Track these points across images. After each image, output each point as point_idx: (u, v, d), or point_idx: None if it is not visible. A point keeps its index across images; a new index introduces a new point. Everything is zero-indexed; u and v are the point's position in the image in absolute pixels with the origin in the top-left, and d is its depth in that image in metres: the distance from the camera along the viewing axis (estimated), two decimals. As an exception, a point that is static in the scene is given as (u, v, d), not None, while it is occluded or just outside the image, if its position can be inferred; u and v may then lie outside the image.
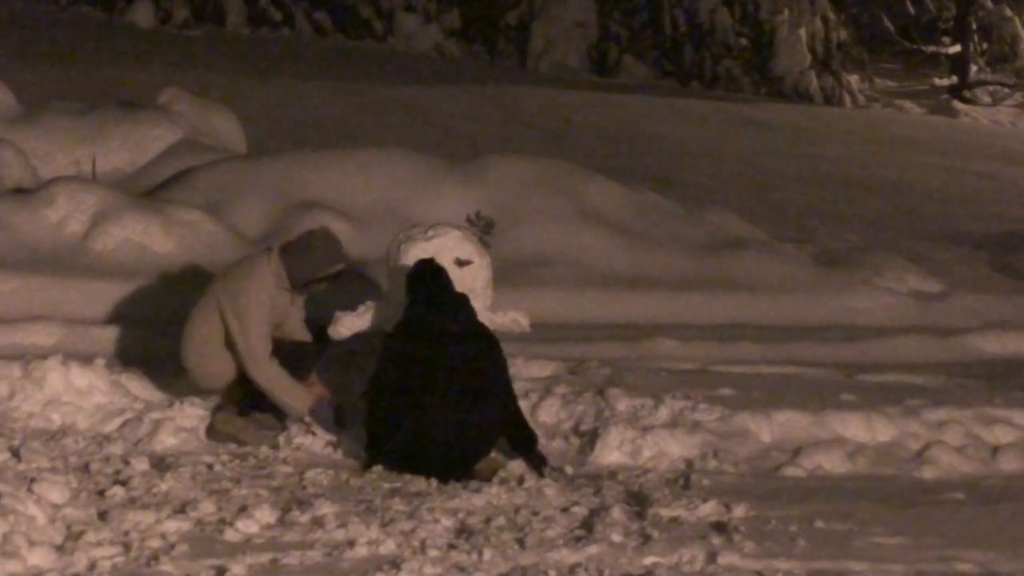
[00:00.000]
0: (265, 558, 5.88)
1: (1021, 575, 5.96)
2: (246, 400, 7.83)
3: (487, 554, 5.93)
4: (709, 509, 6.62)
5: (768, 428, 8.04)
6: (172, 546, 5.96)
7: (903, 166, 21.68)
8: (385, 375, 7.31)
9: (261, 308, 7.72)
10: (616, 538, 6.18)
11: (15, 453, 7.21)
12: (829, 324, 10.99)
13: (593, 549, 6.03)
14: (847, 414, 8.16)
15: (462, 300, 7.54)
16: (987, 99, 34.32)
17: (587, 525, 6.40)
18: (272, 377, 7.72)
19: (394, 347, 7.38)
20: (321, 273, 7.84)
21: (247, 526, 6.24)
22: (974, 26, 35.41)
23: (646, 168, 18.32)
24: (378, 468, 7.40)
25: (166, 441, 7.67)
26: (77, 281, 9.97)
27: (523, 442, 7.47)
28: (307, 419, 7.75)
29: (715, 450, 7.74)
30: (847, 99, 31.30)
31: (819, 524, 6.49)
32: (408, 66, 25.81)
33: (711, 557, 5.99)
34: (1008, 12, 35.67)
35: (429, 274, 7.56)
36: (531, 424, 7.61)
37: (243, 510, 6.44)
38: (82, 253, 10.35)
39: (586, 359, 9.12)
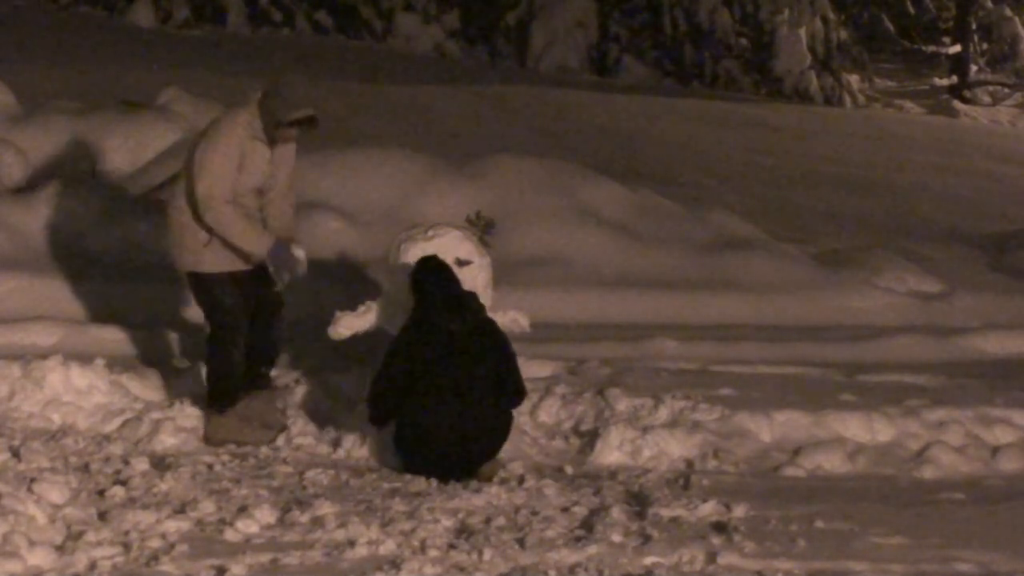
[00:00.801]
0: (265, 558, 5.89)
1: (1021, 575, 5.96)
2: (219, 397, 7.81)
3: (487, 554, 5.94)
4: (709, 509, 6.63)
5: (768, 428, 8.05)
6: (172, 546, 5.97)
7: (903, 166, 21.66)
8: (392, 372, 7.33)
9: (225, 156, 7.54)
10: (616, 538, 6.18)
11: (15, 453, 7.21)
12: (829, 324, 10.99)
13: (593, 549, 6.04)
14: (847, 414, 8.17)
15: (469, 298, 7.56)
16: (987, 99, 34.29)
17: (587, 525, 6.40)
18: (224, 219, 7.55)
19: (403, 347, 7.39)
20: (287, 116, 7.59)
21: (247, 526, 6.24)
22: (974, 26, 35.38)
23: (646, 168, 18.29)
24: (378, 468, 7.42)
25: (166, 441, 7.67)
26: (77, 281, 9.97)
27: (501, 443, 7.50)
28: (268, 264, 7.66)
29: (715, 450, 7.74)
30: (847, 99, 31.27)
31: (819, 524, 6.49)
32: (408, 66, 25.79)
33: (711, 557, 5.99)
34: (1008, 12, 35.65)
35: (433, 272, 7.57)
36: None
37: (243, 510, 6.44)
38: (82, 253, 10.35)
39: (586, 359, 9.13)
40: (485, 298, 8.00)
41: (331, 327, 8.10)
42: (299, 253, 7.75)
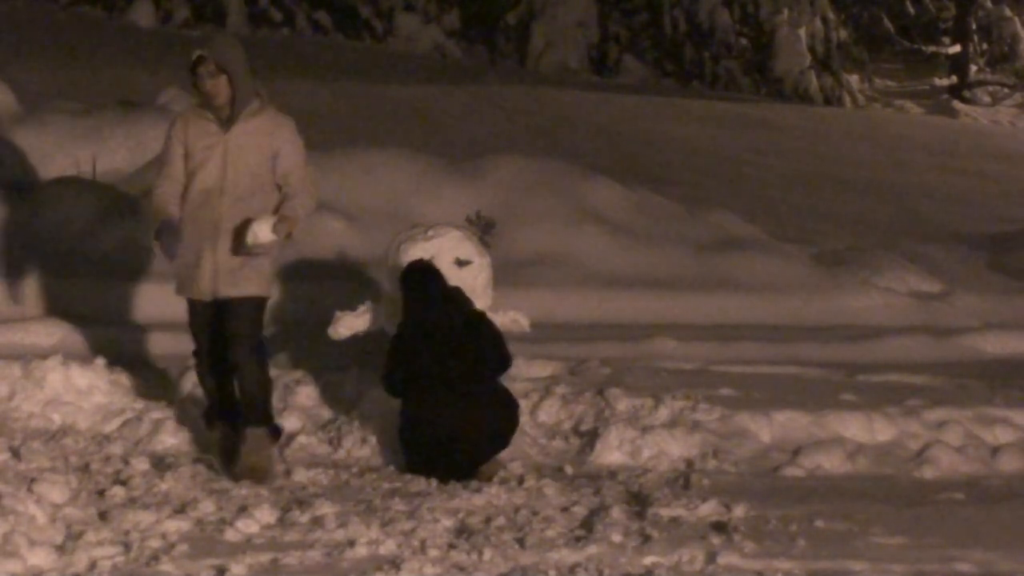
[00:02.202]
0: (265, 558, 5.89)
1: (1021, 575, 5.96)
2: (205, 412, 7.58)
3: (487, 554, 5.93)
4: (709, 509, 6.63)
5: (768, 428, 8.05)
6: (172, 546, 5.97)
7: (903, 166, 21.66)
8: (394, 374, 7.38)
9: (168, 147, 7.21)
10: (616, 538, 6.18)
11: (15, 453, 7.21)
12: (829, 324, 10.99)
13: (593, 549, 6.04)
14: (847, 414, 8.17)
15: (455, 293, 7.59)
16: (987, 99, 34.30)
17: (587, 525, 6.40)
18: (150, 195, 7.30)
19: (397, 348, 7.42)
20: (188, 70, 7.16)
21: (247, 526, 6.24)
22: (974, 26, 35.41)
23: (646, 168, 18.29)
24: (378, 468, 7.42)
25: (166, 441, 7.67)
26: (77, 281, 9.97)
27: (503, 439, 7.49)
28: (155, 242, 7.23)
29: (715, 450, 7.74)
30: (847, 99, 31.29)
31: (819, 524, 6.49)
32: (408, 66, 25.78)
33: (711, 557, 5.99)
34: (1008, 12, 35.68)
35: (419, 274, 7.59)
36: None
37: (243, 510, 6.44)
38: (82, 253, 10.35)
39: (586, 359, 9.13)
40: (485, 298, 8.01)
41: (331, 327, 8.11)
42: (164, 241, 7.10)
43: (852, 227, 16.11)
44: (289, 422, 7.98)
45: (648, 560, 5.95)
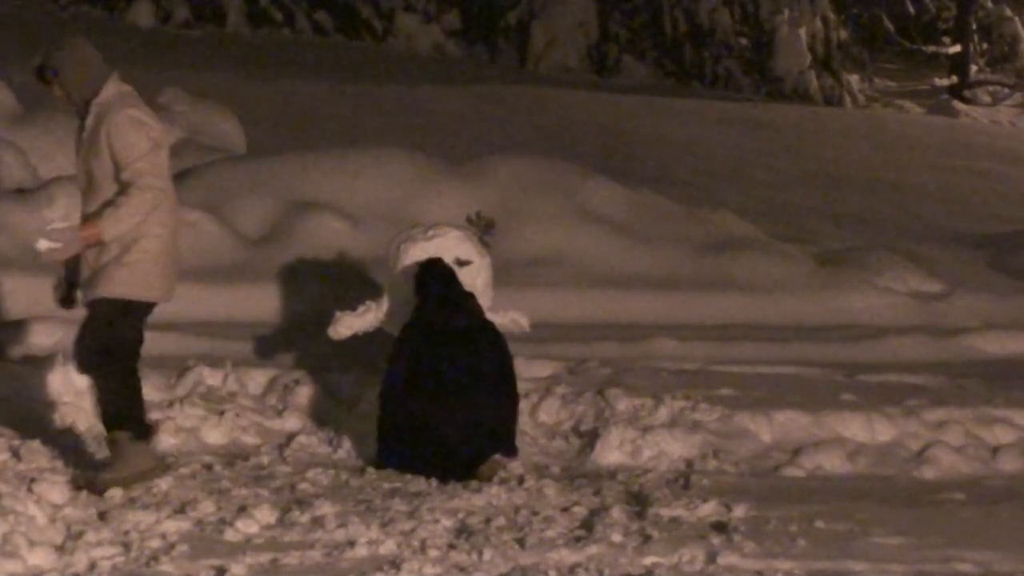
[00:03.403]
0: (265, 558, 5.89)
1: (1021, 575, 5.97)
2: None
3: (487, 554, 5.94)
4: (709, 509, 6.63)
5: (768, 428, 8.05)
6: (172, 546, 5.97)
7: (903, 166, 21.66)
8: (397, 373, 7.36)
9: None
10: (616, 538, 6.18)
11: (15, 453, 7.21)
12: (829, 324, 10.98)
13: (593, 549, 6.04)
14: (847, 414, 8.17)
15: (469, 298, 7.60)
16: (987, 99, 34.28)
17: (587, 525, 6.40)
18: None
19: (406, 346, 7.42)
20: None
21: (247, 526, 6.24)
22: (974, 26, 35.38)
23: (646, 168, 18.30)
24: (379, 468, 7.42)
25: (166, 441, 7.67)
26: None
27: (503, 442, 7.48)
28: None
29: (715, 450, 7.74)
30: (847, 99, 31.26)
31: (819, 524, 6.49)
32: (408, 66, 25.78)
33: (711, 557, 5.99)
34: (1008, 12, 35.66)
35: (437, 273, 7.61)
36: (516, 432, 7.60)
37: (243, 510, 6.44)
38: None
39: (586, 359, 9.13)
40: (485, 298, 8.01)
41: (331, 327, 8.10)
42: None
43: (852, 227, 16.11)
44: (289, 422, 7.99)
45: (648, 560, 5.95)
